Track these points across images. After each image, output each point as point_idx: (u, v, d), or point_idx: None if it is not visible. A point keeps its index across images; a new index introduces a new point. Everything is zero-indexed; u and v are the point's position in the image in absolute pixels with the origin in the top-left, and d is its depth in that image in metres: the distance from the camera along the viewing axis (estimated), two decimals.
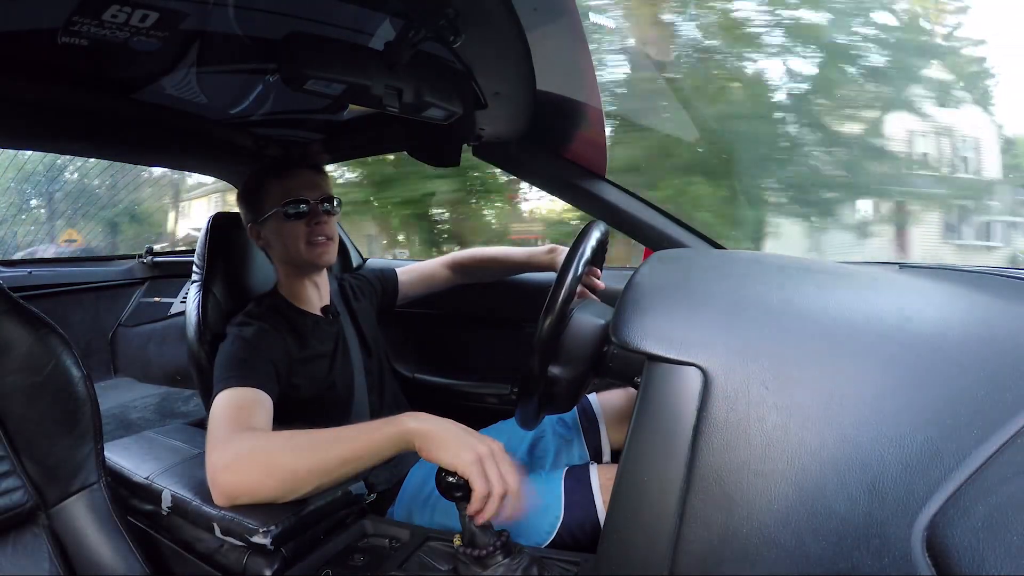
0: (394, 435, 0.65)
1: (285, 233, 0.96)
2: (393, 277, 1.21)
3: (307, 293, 1.01)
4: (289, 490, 0.65)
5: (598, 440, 1.05)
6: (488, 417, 1.12)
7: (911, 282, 0.56)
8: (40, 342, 0.61)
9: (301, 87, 0.76)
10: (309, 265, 0.99)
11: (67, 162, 3.15)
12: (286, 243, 0.96)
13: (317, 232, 0.95)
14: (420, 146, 1.19)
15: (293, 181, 0.96)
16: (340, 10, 0.83)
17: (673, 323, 0.44)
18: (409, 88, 0.84)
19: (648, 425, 0.41)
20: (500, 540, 0.61)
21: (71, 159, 3.03)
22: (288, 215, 0.94)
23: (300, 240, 0.95)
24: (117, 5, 0.71)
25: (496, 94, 0.96)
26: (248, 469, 0.65)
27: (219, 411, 0.74)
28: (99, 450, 0.65)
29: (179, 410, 2.01)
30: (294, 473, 0.65)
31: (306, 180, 0.97)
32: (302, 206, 0.95)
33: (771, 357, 0.40)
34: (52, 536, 0.60)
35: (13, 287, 0.63)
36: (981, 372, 0.38)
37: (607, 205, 1.13)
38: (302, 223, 0.95)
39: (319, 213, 0.96)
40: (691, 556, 0.36)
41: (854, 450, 0.34)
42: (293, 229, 0.95)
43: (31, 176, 3.16)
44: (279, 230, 0.96)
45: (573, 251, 0.73)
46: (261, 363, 0.83)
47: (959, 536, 0.28)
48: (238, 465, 0.66)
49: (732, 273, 0.56)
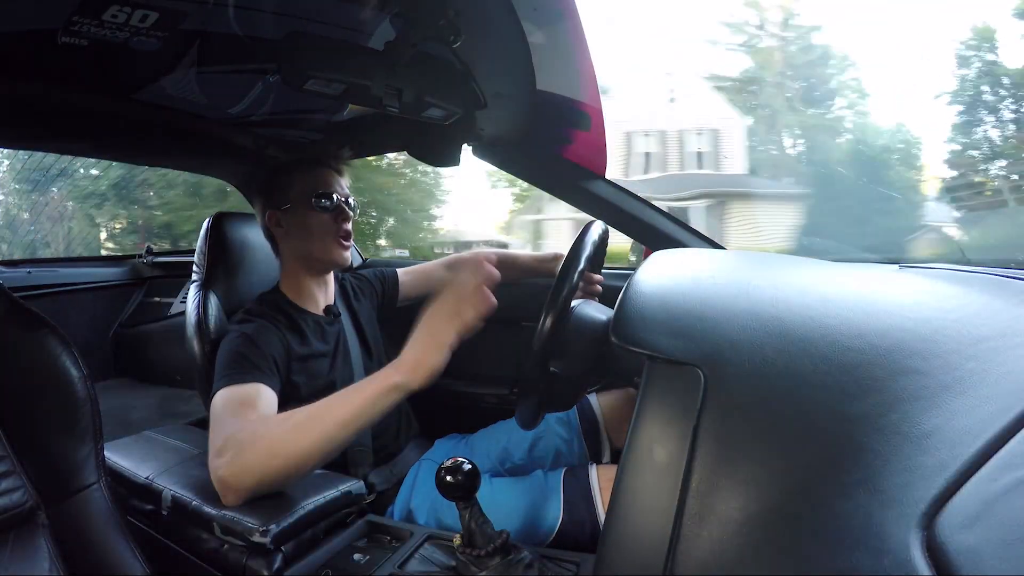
0: (382, 382, 0.67)
1: (311, 225, 0.96)
2: (394, 278, 1.21)
3: (312, 292, 1.01)
4: (295, 467, 0.66)
5: (598, 440, 1.05)
6: (488, 417, 1.12)
7: (911, 281, 0.56)
8: (40, 342, 0.61)
9: (301, 87, 0.76)
10: (327, 263, 0.99)
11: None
12: (312, 235, 0.97)
13: (344, 230, 0.97)
14: (420, 146, 1.19)
15: (322, 175, 0.98)
16: (340, 10, 0.83)
17: (673, 323, 0.44)
18: (409, 88, 0.84)
19: (648, 425, 0.41)
20: (500, 540, 0.61)
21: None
22: (318, 207, 0.96)
23: (328, 235, 0.96)
24: (117, 5, 0.71)
25: (496, 94, 0.96)
26: (253, 458, 0.66)
27: (220, 408, 0.74)
28: (99, 450, 0.65)
29: (179, 410, 2.01)
30: (297, 448, 0.66)
31: (333, 177, 0.99)
32: (333, 199, 0.96)
33: (772, 357, 0.40)
34: (52, 536, 0.60)
35: (13, 287, 0.63)
36: (981, 371, 0.38)
37: (607, 205, 1.13)
38: (330, 217, 0.96)
39: (345, 210, 0.98)
40: (691, 556, 0.36)
41: (854, 449, 0.34)
42: (321, 222, 0.96)
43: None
44: (304, 222, 0.97)
45: (573, 251, 0.73)
46: (262, 359, 0.83)
47: (958, 536, 0.28)
48: (242, 458, 0.66)
49: (732, 273, 0.56)
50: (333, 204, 0.96)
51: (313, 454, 0.66)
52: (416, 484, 0.94)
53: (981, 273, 0.59)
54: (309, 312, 1.00)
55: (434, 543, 0.72)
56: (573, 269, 0.71)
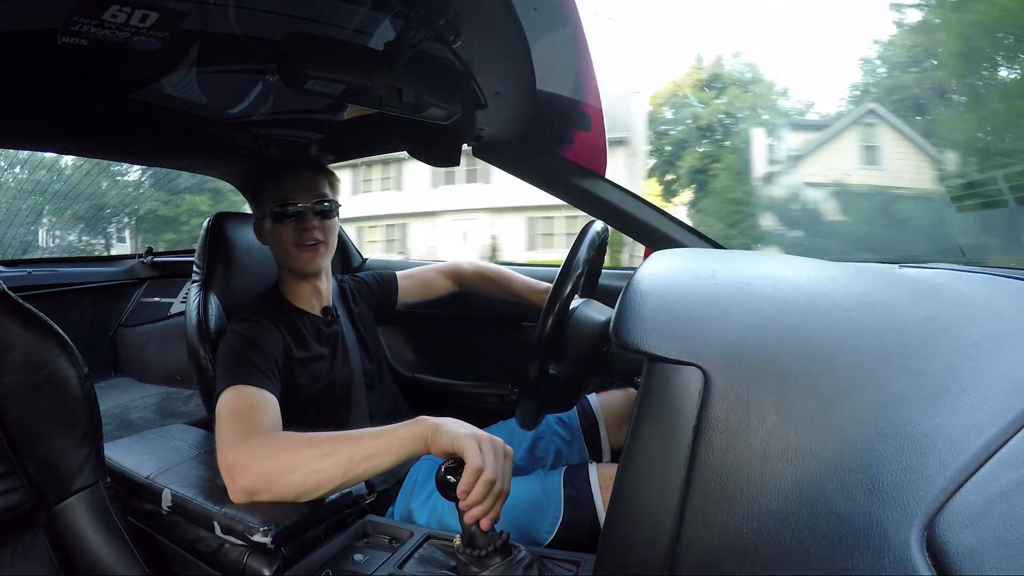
0: (413, 431, 0.67)
1: (276, 235, 0.96)
2: (392, 280, 1.21)
3: (305, 294, 1.01)
4: (312, 486, 0.66)
5: (598, 440, 1.05)
6: (488, 417, 1.12)
7: (911, 281, 0.56)
8: (40, 342, 0.61)
9: (301, 87, 0.76)
10: (295, 271, 0.99)
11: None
12: (276, 244, 0.97)
13: (305, 237, 0.95)
14: (420, 146, 1.19)
15: (287, 183, 0.96)
16: (340, 10, 0.83)
17: (673, 323, 0.44)
18: (409, 88, 0.84)
19: (648, 425, 0.41)
20: (500, 540, 0.61)
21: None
22: (277, 217, 0.95)
23: (288, 243, 0.95)
24: (117, 5, 0.71)
25: (496, 94, 0.96)
26: (272, 466, 0.67)
27: (227, 410, 0.74)
28: (99, 450, 0.65)
29: (179, 410, 2.01)
30: (318, 470, 0.66)
31: (300, 182, 0.97)
32: (290, 208, 0.95)
33: (771, 357, 0.40)
34: (52, 536, 0.60)
35: (13, 287, 0.63)
36: (981, 371, 0.38)
37: (607, 205, 1.13)
38: (290, 227, 0.95)
39: (309, 217, 0.95)
40: (691, 556, 0.36)
41: (854, 450, 0.34)
42: (282, 232, 0.95)
43: None
44: (272, 231, 0.97)
45: (573, 251, 0.73)
46: (263, 360, 0.83)
47: (959, 536, 0.28)
48: (261, 462, 0.67)
49: (732, 273, 0.56)
50: (292, 213, 0.95)
51: (331, 480, 0.66)
52: (416, 484, 0.94)
53: (981, 273, 0.59)
54: (307, 313, 1.00)
55: (434, 543, 0.72)
56: (573, 269, 0.71)
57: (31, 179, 3.95)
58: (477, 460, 0.60)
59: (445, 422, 0.66)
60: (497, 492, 0.61)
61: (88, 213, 5.35)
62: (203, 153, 1.36)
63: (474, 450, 0.61)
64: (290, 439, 0.70)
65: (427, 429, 0.66)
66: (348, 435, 0.69)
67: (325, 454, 0.66)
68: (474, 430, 0.64)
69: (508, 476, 0.63)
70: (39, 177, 3.95)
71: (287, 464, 0.66)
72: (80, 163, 3.71)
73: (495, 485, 0.60)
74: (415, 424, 0.67)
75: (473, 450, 0.61)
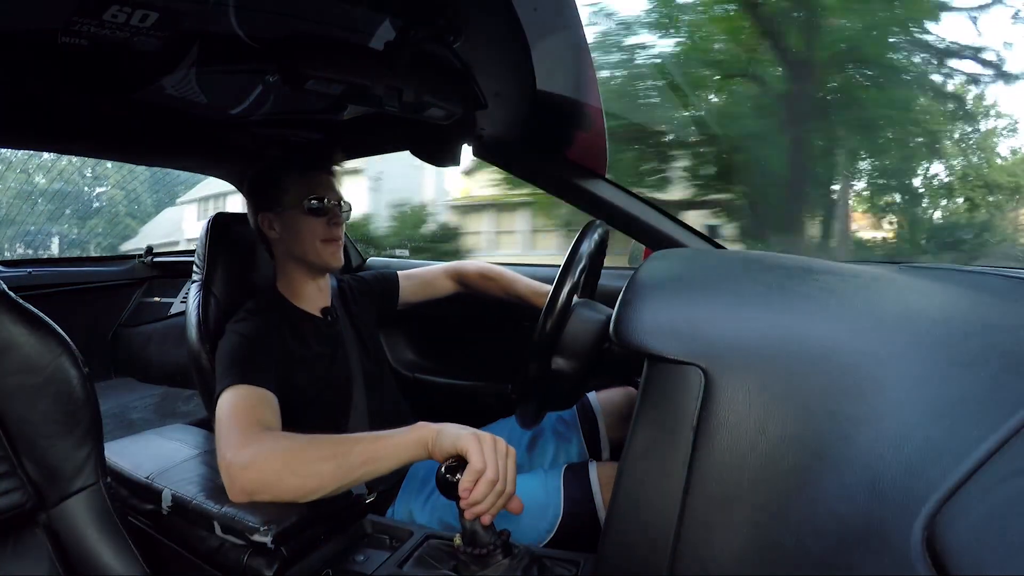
0: (413, 436, 0.67)
1: (303, 228, 0.97)
2: (394, 280, 1.21)
3: (308, 293, 1.01)
4: (312, 488, 0.67)
5: (597, 439, 1.05)
6: (488, 417, 1.12)
7: (911, 282, 0.56)
8: (40, 342, 0.61)
9: (301, 87, 0.76)
10: (320, 266, 1.00)
11: None
12: (303, 238, 0.97)
13: (336, 232, 0.98)
14: (420, 146, 1.19)
15: (316, 179, 0.99)
16: (340, 10, 0.83)
17: (673, 323, 0.44)
18: (409, 88, 0.84)
19: (648, 425, 0.41)
20: (500, 540, 0.61)
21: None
22: (311, 211, 0.96)
23: (316, 237, 0.97)
24: (117, 5, 0.71)
25: (496, 94, 0.96)
26: (272, 466, 0.67)
27: (227, 409, 0.74)
28: (99, 450, 0.65)
29: (179, 410, 2.01)
30: (318, 471, 0.66)
31: (327, 180, 1.00)
32: (325, 203, 0.97)
33: (772, 356, 0.40)
34: (52, 536, 0.60)
35: (13, 287, 0.62)
36: (981, 372, 0.38)
37: (607, 205, 1.13)
38: (323, 221, 0.97)
39: (337, 213, 0.98)
40: (691, 556, 0.36)
41: (854, 450, 0.34)
42: (313, 226, 0.96)
43: None
44: (296, 225, 0.97)
45: (573, 251, 0.73)
46: (263, 360, 0.83)
47: (959, 536, 0.28)
48: (262, 462, 0.67)
49: (732, 273, 0.56)
50: (326, 208, 0.97)
51: (330, 482, 0.67)
52: (416, 484, 0.94)
53: (981, 273, 0.59)
54: (306, 312, 1.00)
55: (434, 543, 0.72)
56: (573, 269, 0.71)
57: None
58: (479, 460, 0.60)
59: (446, 426, 0.66)
60: (499, 492, 0.61)
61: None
62: (203, 153, 1.36)
63: (476, 450, 0.61)
64: (290, 440, 0.70)
65: (428, 434, 0.66)
66: (349, 438, 0.69)
67: (325, 456, 0.67)
68: (476, 432, 0.65)
69: (511, 475, 0.63)
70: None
71: (287, 465, 0.67)
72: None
73: (497, 485, 0.60)
74: (416, 430, 0.67)
75: (475, 450, 0.61)
